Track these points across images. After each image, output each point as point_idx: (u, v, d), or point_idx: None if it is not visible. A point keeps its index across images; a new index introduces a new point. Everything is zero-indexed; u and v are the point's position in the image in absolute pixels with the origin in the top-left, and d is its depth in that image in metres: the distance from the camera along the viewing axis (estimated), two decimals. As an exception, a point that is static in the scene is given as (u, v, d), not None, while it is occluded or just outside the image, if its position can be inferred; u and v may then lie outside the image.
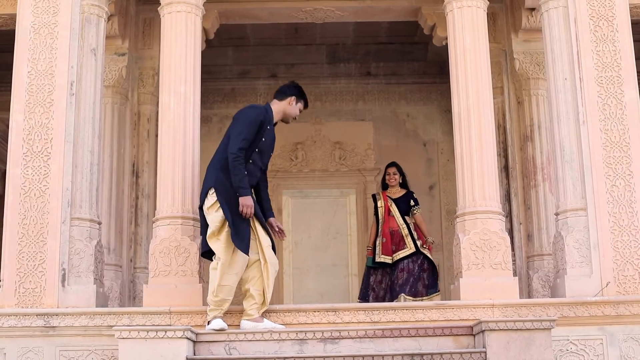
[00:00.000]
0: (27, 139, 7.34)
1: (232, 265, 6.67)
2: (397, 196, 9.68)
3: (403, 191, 9.75)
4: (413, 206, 9.64)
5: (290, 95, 7.20)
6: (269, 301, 6.87)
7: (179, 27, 7.65)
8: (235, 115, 7.10)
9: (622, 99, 7.41)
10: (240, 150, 6.73)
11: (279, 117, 7.20)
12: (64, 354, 6.96)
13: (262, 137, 6.89)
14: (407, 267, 9.29)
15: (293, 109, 7.21)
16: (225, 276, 6.65)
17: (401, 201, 9.64)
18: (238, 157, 6.72)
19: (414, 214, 9.63)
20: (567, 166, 7.39)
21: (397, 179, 9.75)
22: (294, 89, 7.25)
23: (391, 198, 9.65)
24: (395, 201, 9.63)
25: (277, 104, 7.19)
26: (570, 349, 6.96)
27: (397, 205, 9.61)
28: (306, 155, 12.01)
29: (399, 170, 9.80)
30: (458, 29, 7.68)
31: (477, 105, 7.49)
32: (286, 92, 7.23)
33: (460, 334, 6.57)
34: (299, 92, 7.25)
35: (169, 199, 7.30)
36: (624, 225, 7.18)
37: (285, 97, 7.21)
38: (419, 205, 9.71)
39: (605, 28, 7.55)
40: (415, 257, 9.32)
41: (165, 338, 6.10)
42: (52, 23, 7.56)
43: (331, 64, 12.10)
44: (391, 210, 9.58)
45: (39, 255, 7.12)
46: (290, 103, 7.18)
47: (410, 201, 9.64)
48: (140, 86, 9.82)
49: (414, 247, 9.34)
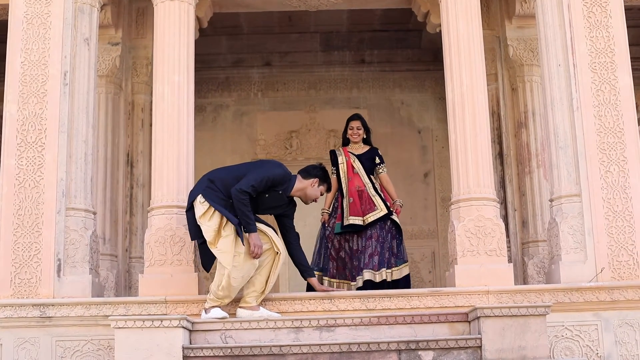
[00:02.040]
0: (21, 130, 7.34)
1: (239, 269, 6.64)
2: (360, 152, 8.69)
3: (366, 147, 8.76)
4: (378, 164, 8.67)
5: (315, 177, 7.13)
6: (269, 290, 6.89)
7: (172, 16, 7.64)
8: (263, 162, 7.23)
9: (615, 85, 7.42)
10: (245, 192, 6.70)
11: (298, 194, 7.12)
12: (61, 344, 6.98)
13: (266, 194, 6.87)
14: (375, 233, 8.33)
15: (314, 190, 7.14)
16: (231, 279, 6.64)
17: (365, 158, 8.65)
18: (245, 196, 6.70)
19: (380, 173, 8.68)
20: (561, 152, 7.40)
21: (362, 134, 8.72)
22: (319, 171, 7.19)
23: (353, 154, 8.65)
24: (358, 158, 8.64)
25: (301, 181, 7.10)
26: (565, 334, 6.98)
27: (361, 162, 8.61)
28: (301, 144, 12.00)
29: (363, 125, 8.77)
30: (452, 16, 7.67)
31: (471, 92, 7.49)
32: (311, 172, 7.15)
33: (456, 321, 6.59)
34: (323, 176, 7.20)
35: (164, 188, 7.31)
36: (618, 211, 7.19)
37: (309, 177, 7.12)
38: (384, 163, 8.75)
39: (599, 14, 7.55)
40: (383, 222, 8.37)
41: (161, 327, 6.11)
42: (45, 13, 7.55)
43: (325, 51, 12.09)
44: (355, 167, 8.58)
45: (34, 246, 7.13)
46: (313, 185, 7.11)
47: (376, 158, 8.66)
48: (134, 76, 9.81)
49: (385, 208, 8.38)
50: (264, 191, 6.83)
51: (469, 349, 6.21)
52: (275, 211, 7.07)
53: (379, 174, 8.65)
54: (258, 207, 6.88)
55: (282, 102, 12.11)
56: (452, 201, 7.49)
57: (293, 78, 12.11)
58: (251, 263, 6.69)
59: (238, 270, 6.65)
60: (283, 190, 6.94)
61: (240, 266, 6.64)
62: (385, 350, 6.19)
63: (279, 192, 6.93)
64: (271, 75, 12.08)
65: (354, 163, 8.57)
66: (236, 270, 6.64)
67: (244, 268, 6.67)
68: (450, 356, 6.21)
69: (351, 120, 8.77)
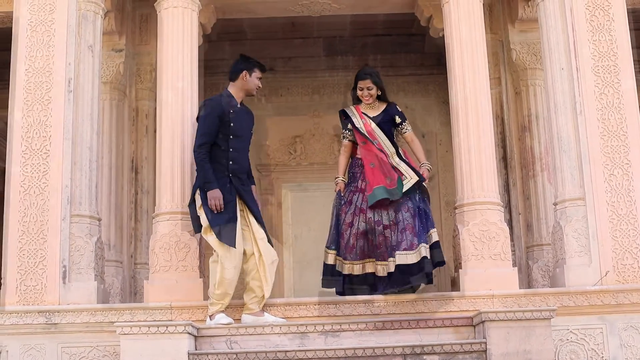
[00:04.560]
0: (25, 137, 7.35)
1: (229, 259, 6.68)
2: (375, 113, 7.59)
3: (382, 105, 7.65)
4: (400, 123, 7.60)
5: (241, 71, 7.13)
6: (267, 294, 6.85)
7: (175, 23, 7.66)
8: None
9: (619, 88, 7.42)
10: (200, 146, 6.80)
11: (242, 96, 7.17)
12: (66, 350, 6.99)
13: (230, 123, 6.91)
14: (406, 205, 7.22)
15: (250, 82, 7.15)
16: (224, 270, 6.68)
17: (383, 120, 7.53)
18: (199, 154, 6.79)
19: (403, 133, 7.63)
20: (564, 156, 7.40)
21: (374, 94, 7.61)
22: (242, 64, 7.16)
23: (368, 117, 7.57)
24: (375, 120, 7.54)
25: (233, 85, 7.15)
26: (570, 338, 6.97)
27: (379, 126, 7.51)
28: (305, 149, 12.00)
29: (375, 82, 7.59)
30: (454, 20, 7.68)
31: (474, 96, 7.49)
32: (236, 70, 7.16)
33: (461, 325, 6.60)
34: (247, 64, 7.17)
35: (169, 195, 7.32)
36: (623, 215, 7.19)
37: (237, 75, 7.15)
38: (407, 120, 7.64)
39: (602, 17, 7.55)
40: (413, 192, 7.30)
41: (167, 333, 6.13)
42: (49, 20, 7.57)
43: (328, 56, 12.09)
44: (374, 131, 7.46)
45: (39, 253, 7.14)
46: (245, 78, 7.12)
47: (395, 117, 7.59)
48: (138, 82, 9.83)
49: (416, 174, 7.30)
50: (221, 129, 6.85)
51: (474, 353, 6.21)
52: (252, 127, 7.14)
53: (403, 134, 7.66)
54: (244, 138, 6.96)
55: (286, 108, 12.11)
56: (456, 205, 7.50)
57: (297, 83, 12.11)
58: (236, 251, 6.66)
59: (229, 259, 6.66)
60: (229, 108, 6.95)
61: (230, 255, 6.64)
62: (390, 355, 6.20)
63: (232, 111, 6.95)
64: (275, 80, 12.07)
65: (372, 127, 7.48)
66: (227, 260, 6.66)
67: (234, 257, 6.67)
68: (456, 360, 6.21)
69: (359, 80, 7.65)
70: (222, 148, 6.87)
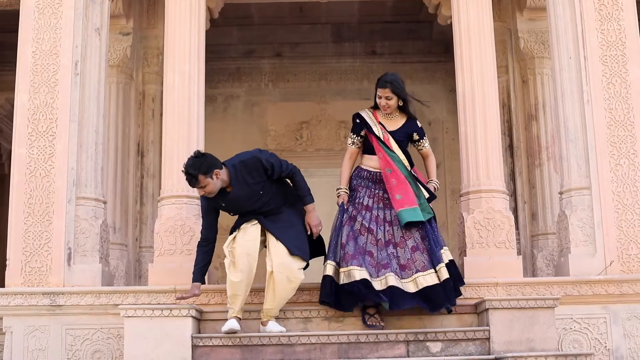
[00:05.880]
0: (32, 119, 7.36)
1: (234, 263, 6.45)
2: (394, 128, 6.92)
3: (403, 119, 6.97)
4: (418, 140, 7.02)
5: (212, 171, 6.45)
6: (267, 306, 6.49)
7: (183, 6, 7.64)
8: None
9: (626, 78, 7.40)
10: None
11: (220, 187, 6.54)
12: (70, 332, 7.02)
13: (221, 204, 6.62)
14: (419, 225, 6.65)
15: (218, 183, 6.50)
16: (229, 273, 6.54)
17: (399, 137, 6.91)
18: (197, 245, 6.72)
19: (420, 150, 7.08)
20: (571, 145, 7.39)
21: (393, 104, 6.86)
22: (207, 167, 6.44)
23: (386, 129, 6.89)
24: (392, 135, 6.88)
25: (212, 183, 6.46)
26: (573, 327, 6.99)
27: (396, 140, 6.87)
28: (311, 135, 12.01)
29: (395, 92, 6.80)
30: (462, 8, 7.65)
31: (481, 84, 7.47)
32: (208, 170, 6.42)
33: (464, 313, 6.61)
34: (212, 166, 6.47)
35: (174, 178, 7.32)
36: (628, 204, 7.18)
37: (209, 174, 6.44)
38: (425, 136, 7.07)
39: (610, 6, 7.52)
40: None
41: (171, 316, 6.15)
42: (57, 3, 7.56)
43: (336, 43, 12.08)
44: (390, 146, 6.82)
45: (44, 235, 7.15)
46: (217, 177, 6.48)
47: (414, 134, 6.97)
48: (144, 66, 9.84)
49: (427, 191, 6.80)
50: (216, 210, 6.71)
51: (477, 341, 6.23)
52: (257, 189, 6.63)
53: (420, 150, 7.10)
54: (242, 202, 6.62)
55: (292, 93, 12.11)
56: (461, 193, 7.49)
57: (304, 69, 12.11)
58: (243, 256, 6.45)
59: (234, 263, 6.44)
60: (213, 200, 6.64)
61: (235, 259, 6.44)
62: (393, 341, 6.21)
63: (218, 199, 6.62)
64: (282, 66, 12.08)
65: (390, 142, 6.83)
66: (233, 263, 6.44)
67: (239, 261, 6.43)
68: (459, 348, 6.22)
69: (378, 87, 6.86)
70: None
